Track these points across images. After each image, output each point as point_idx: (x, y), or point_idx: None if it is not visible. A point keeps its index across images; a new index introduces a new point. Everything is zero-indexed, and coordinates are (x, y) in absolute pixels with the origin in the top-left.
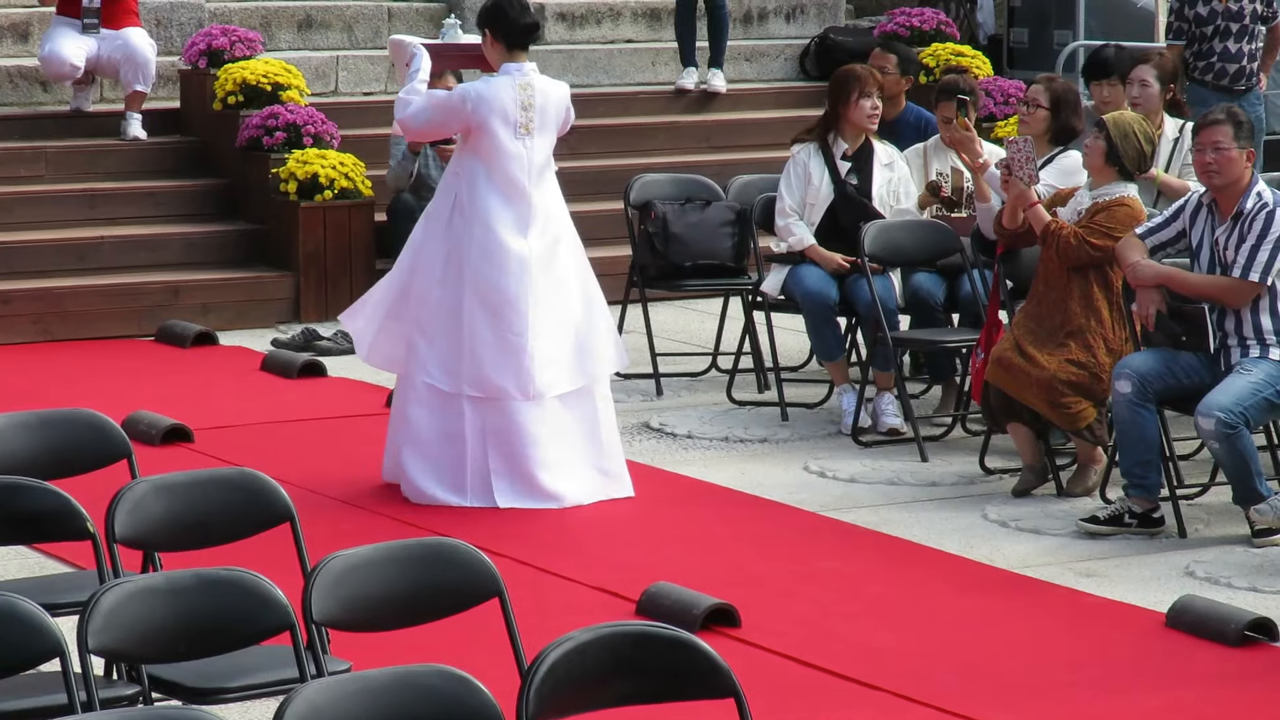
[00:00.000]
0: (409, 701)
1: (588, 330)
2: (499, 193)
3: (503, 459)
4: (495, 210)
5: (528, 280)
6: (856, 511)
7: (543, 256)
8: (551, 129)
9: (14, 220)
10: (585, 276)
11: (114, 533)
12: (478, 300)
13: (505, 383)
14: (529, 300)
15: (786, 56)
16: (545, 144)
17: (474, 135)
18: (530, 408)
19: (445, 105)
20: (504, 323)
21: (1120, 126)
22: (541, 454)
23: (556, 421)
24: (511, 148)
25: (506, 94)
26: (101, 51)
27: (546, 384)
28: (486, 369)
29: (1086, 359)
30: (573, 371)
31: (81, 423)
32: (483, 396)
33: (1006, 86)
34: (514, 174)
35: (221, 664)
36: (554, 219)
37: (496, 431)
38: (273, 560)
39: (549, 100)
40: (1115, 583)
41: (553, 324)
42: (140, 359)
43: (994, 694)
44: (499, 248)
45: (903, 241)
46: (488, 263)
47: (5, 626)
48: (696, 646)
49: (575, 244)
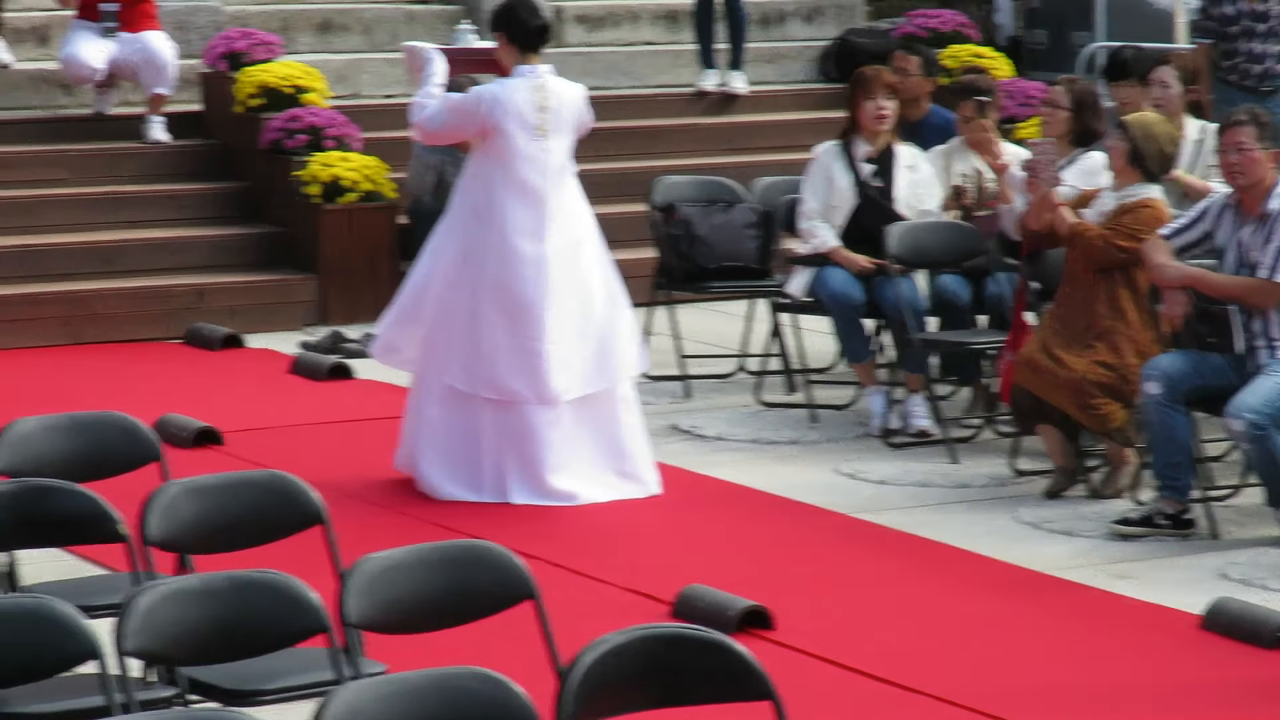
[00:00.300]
0: (446, 704)
1: (610, 333)
2: (515, 195)
3: (517, 461)
4: (512, 213)
5: (544, 284)
6: (887, 514)
7: (561, 259)
8: (568, 130)
9: (38, 223)
10: (609, 278)
11: (147, 535)
12: (494, 304)
13: (521, 387)
14: (545, 304)
15: (806, 58)
16: (562, 146)
17: (490, 138)
18: (546, 412)
19: (460, 108)
20: (520, 327)
21: (1143, 127)
22: (555, 458)
23: (573, 425)
24: (527, 150)
25: (521, 96)
26: (121, 54)
27: (563, 388)
28: (502, 373)
29: (1114, 360)
30: (592, 375)
31: (112, 425)
32: (499, 399)
33: (1026, 88)
34: (530, 176)
35: (258, 666)
36: (574, 221)
37: (512, 434)
38: (305, 562)
39: (564, 102)
40: (1149, 585)
41: (571, 328)
42: (169, 361)
43: (1027, 696)
44: (514, 252)
45: (928, 243)
46: (504, 267)
47: (42, 629)
48: (732, 649)
49: (598, 245)
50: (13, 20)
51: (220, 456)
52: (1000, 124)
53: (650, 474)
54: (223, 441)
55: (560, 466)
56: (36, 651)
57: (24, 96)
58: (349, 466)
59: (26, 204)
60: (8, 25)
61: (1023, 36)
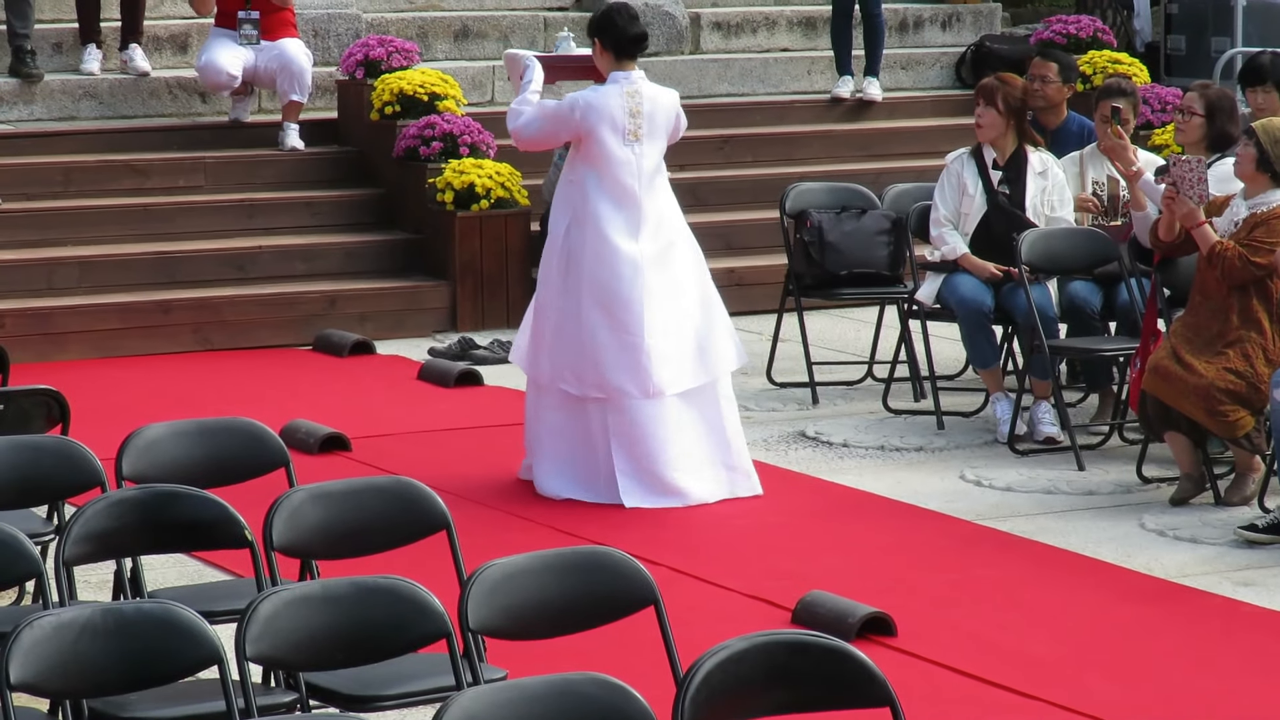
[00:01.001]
0: (566, 710)
1: (707, 330)
2: (610, 198)
3: (627, 459)
4: (607, 215)
5: (641, 282)
6: (1013, 520)
7: (656, 259)
8: (661, 135)
9: (174, 230)
10: (702, 279)
11: (272, 541)
12: (594, 303)
13: (624, 383)
14: (643, 301)
15: (942, 65)
16: (655, 150)
17: (584, 143)
18: (651, 406)
19: (555, 114)
20: (620, 324)
21: (1270, 133)
22: (666, 452)
23: (679, 419)
24: (620, 154)
25: (615, 102)
26: (258, 62)
27: (666, 381)
28: (606, 371)
29: (1245, 368)
30: (693, 369)
31: (240, 431)
32: (605, 398)
33: (1163, 94)
34: (624, 180)
35: (378, 671)
36: (667, 223)
37: (620, 431)
38: (429, 568)
39: (657, 107)
40: (1274, 592)
41: (670, 323)
42: (298, 368)
43: (1151, 704)
44: (612, 252)
45: (1059, 250)
46: (602, 266)
47: (165, 634)
48: (852, 656)
49: (691, 246)
50: (152, 28)
51: (347, 462)
52: (1136, 130)
53: (749, 466)
54: (350, 448)
55: (671, 461)
56: (160, 656)
57: (161, 104)
58: (475, 473)
59: (162, 211)
60: (147, 33)
61: (1160, 42)
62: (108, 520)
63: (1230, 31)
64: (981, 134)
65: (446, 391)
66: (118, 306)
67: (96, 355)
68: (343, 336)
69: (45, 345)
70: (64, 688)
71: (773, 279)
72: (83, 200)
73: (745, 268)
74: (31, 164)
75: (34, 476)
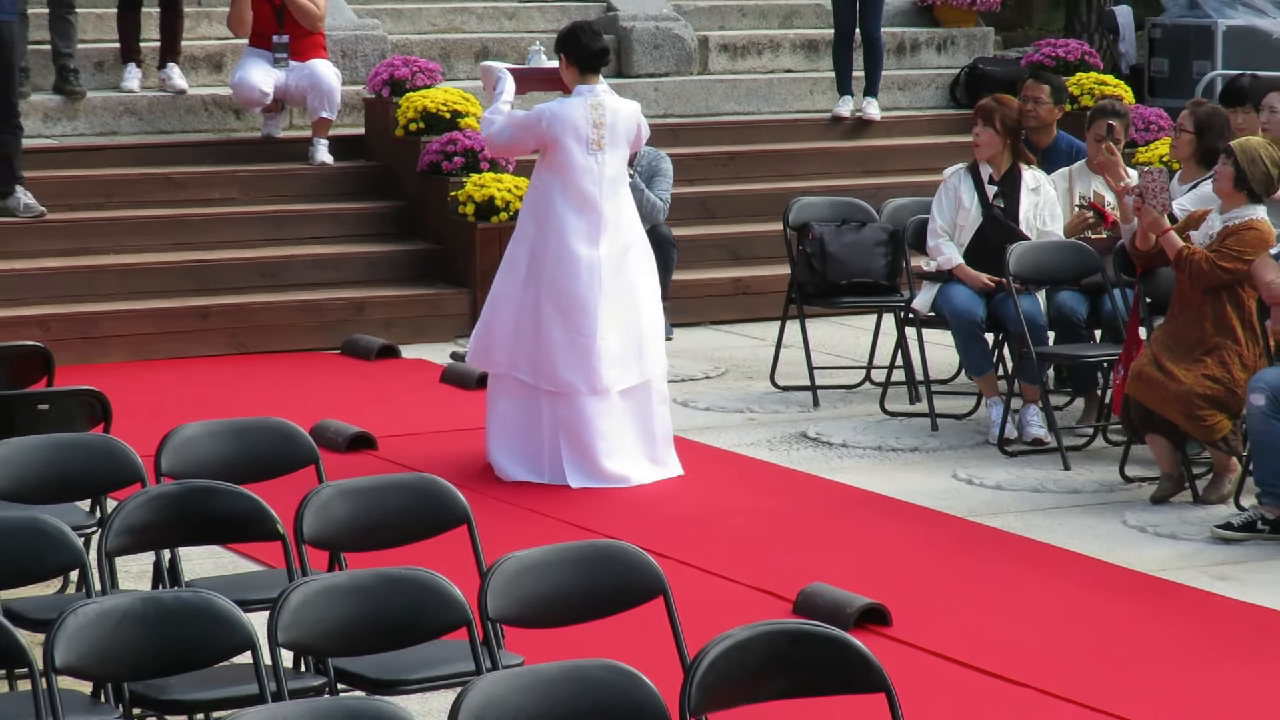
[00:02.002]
0: (579, 694)
1: (650, 332)
2: (572, 204)
3: (572, 447)
4: (568, 220)
5: (597, 285)
6: (1002, 517)
7: (612, 263)
8: (623, 145)
9: (209, 240)
10: (650, 286)
11: (302, 534)
12: (552, 303)
13: (575, 379)
14: (598, 303)
15: (938, 85)
16: (616, 159)
17: (549, 151)
18: (597, 401)
19: (524, 123)
20: (574, 324)
21: (1247, 152)
22: (606, 444)
23: (619, 413)
24: (583, 162)
25: (579, 113)
26: (290, 82)
27: (612, 380)
28: (559, 366)
29: (1222, 374)
30: (636, 369)
31: (272, 430)
32: (556, 391)
33: (1147, 114)
34: (586, 187)
35: (402, 657)
36: (624, 228)
37: (567, 423)
38: (450, 560)
39: (619, 118)
40: (1248, 586)
41: (619, 325)
42: (327, 371)
43: (1132, 691)
44: (571, 257)
45: (1047, 262)
46: (561, 271)
47: (201, 621)
48: (850, 644)
49: (645, 251)
50: (189, 48)
51: (373, 460)
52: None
53: (673, 458)
54: (376, 446)
55: (611, 451)
56: (196, 642)
57: (197, 120)
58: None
59: (197, 222)
60: (184, 53)
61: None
62: (147, 514)
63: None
64: (979, 152)
65: (467, 393)
66: (156, 312)
67: (136, 358)
68: (369, 341)
69: (88, 348)
70: (105, 671)
71: (776, 288)
72: (123, 211)
73: (750, 277)
74: (74, 176)
75: (77, 472)
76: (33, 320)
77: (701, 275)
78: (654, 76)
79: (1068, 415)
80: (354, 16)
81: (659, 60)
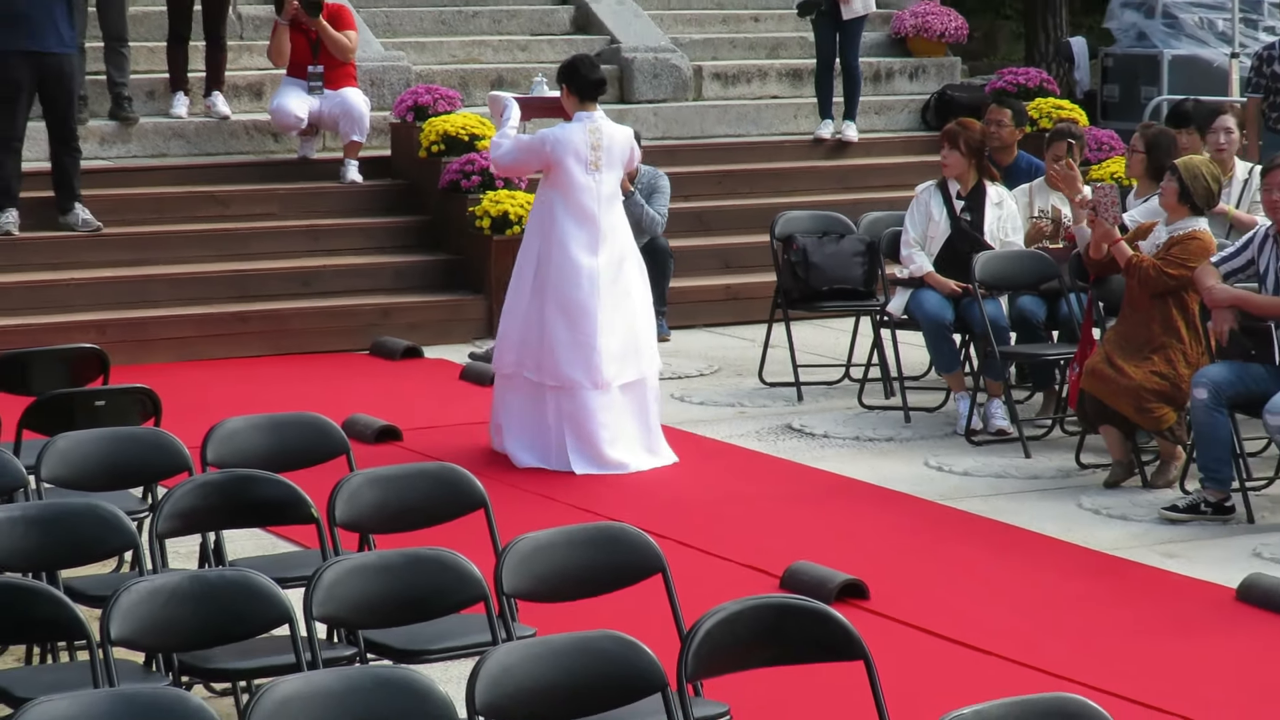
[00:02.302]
0: (585, 662)
1: (644, 333)
2: (573, 218)
3: (576, 437)
4: (570, 233)
5: (596, 292)
6: (970, 501)
7: (610, 271)
8: (618, 165)
9: (249, 252)
10: (643, 290)
11: (334, 517)
12: (556, 308)
13: (578, 375)
14: (598, 308)
15: (910, 110)
16: (613, 178)
17: (552, 171)
18: (598, 395)
19: (529, 147)
20: (577, 326)
21: (1190, 169)
22: (608, 434)
23: (619, 406)
24: (583, 181)
25: (579, 137)
26: (323, 108)
27: (612, 375)
28: (563, 364)
29: (1168, 371)
30: (634, 366)
31: (307, 424)
32: (560, 386)
33: (1100, 135)
34: (585, 203)
35: (426, 629)
36: (620, 240)
37: (571, 415)
38: (469, 541)
39: (614, 141)
40: (1193, 562)
41: (618, 326)
42: (356, 370)
43: (1087, 657)
44: (574, 267)
45: (1009, 269)
46: (564, 279)
47: (243, 597)
48: (832, 616)
49: (637, 262)
50: (232, 78)
51: (399, 451)
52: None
53: (665, 448)
54: (402, 438)
55: (612, 440)
56: (239, 616)
57: (239, 143)
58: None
59: (239, 235)
60: (227, 82)
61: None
62: (194, 500)
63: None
64: (947, 171)
65: (484, 390)
66: (201, 317)
67: (183, 358)
68: (395, 343)
69: (140, 350)
70: (156, 643)
71: (764, 294)
72: (172, 226)
73: (741, 284)
74: (128, 194)
75: (131, 462)
76: (90, 325)
77: (697, 282)
78: (653, 102)
79: (1028, 408)
80: (381, 49)
81: (658, 88)
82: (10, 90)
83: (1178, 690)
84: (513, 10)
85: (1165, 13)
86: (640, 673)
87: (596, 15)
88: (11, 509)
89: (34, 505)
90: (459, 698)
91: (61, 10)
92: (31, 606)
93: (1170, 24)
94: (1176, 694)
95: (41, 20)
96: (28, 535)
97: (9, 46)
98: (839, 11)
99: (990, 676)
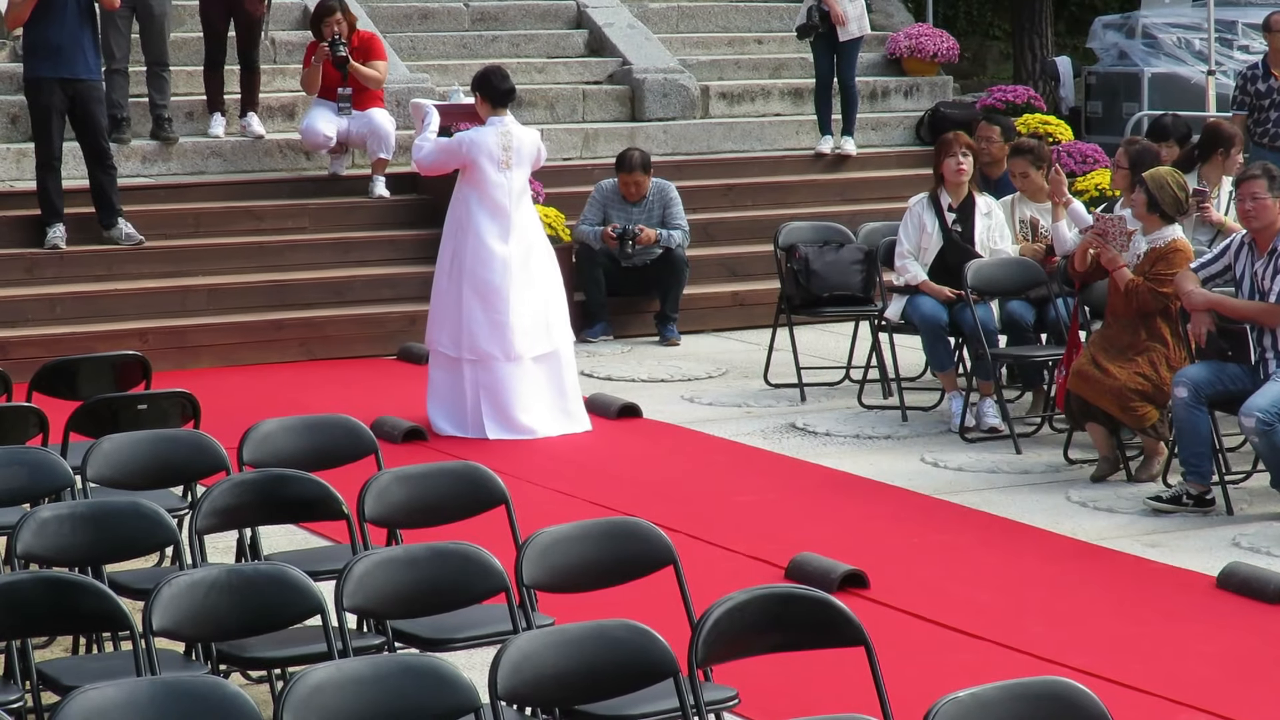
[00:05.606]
0: (601, 650)
1: (554, 311)
2: (487, 211)
3: (491, 405)
4: (484, 224)
5: (508, 275)
6: (964, 494)
7: (520, 258)
8: (526, 164)
9: (284, 263)
10: (552, 274)
11: (364, 514)
12: (472, 290)
13: (493, 349)
14: (509, 289)
15: (905, 126)
16: (522, 175)
17: (469, 170)
18: (511, 366)
19: (448, 148)
20: (491, 306)
21: (1156, 180)
22: (520, 402)
23: (531, 376)
24: (496, 178)
25: (491, 139)
26: (351, 128)
27: (523, 348)
28: (479, 340)
29: (1151, 372)
30: (544, 340)
31: (338, 425)
32: (476, 359)
33: (1084, 149)
34: (498, 198)
35: (450, 619)
36: (529, 231)
37: (486, 386)
38: (491, 536)
39: (523, 143)
40: (1175, 551)
41: (527, 306)
42: (384, 374)
43: (1076, 642)
44: (488, 253)
45: (1000, 276)
46: (480, 264)
47: (278, 589)
48: (834, 605)
49: (546, 249)
50: (266, 100)
51: (425, 450)
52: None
53: (582, 412)
54: (427, 438)
55: (524, 408)
56: (273, 608)
57: (274, 161)
58: (527, 458)
59: (274, 248)
60: (261, 104)
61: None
62: (231, 498)
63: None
64: (962, 176)
65: None
66: (238, 325)
67: (222, 364)
68: (421, 349)
69: (180, 356)
70: (195, 633)
71: (769, 300)
72: (210, 239)
73: (747, 291)
74: (168, 210)
75: (172, 462)
76: (133, 333)
77: (705, 290)
78: (663, 120)
79: (1018, 407)
80: (406, 71)
81: (667, 106)
82: (46, 114)
83: (1162, 673)
84: (530, 35)
85: (1145, 33)
86: (653, 659)
87: (609, 39)
88: (59, 507)
89: (80, 504)
90: (482, 684)
91: (89, 41)
92: (78, 599)
93: (1150, 44)
94: (1160, 676)
95: (72, 50)
96: (75, 532)
97: (44, 74)
98: (835, 34)
99: (984, 661)
